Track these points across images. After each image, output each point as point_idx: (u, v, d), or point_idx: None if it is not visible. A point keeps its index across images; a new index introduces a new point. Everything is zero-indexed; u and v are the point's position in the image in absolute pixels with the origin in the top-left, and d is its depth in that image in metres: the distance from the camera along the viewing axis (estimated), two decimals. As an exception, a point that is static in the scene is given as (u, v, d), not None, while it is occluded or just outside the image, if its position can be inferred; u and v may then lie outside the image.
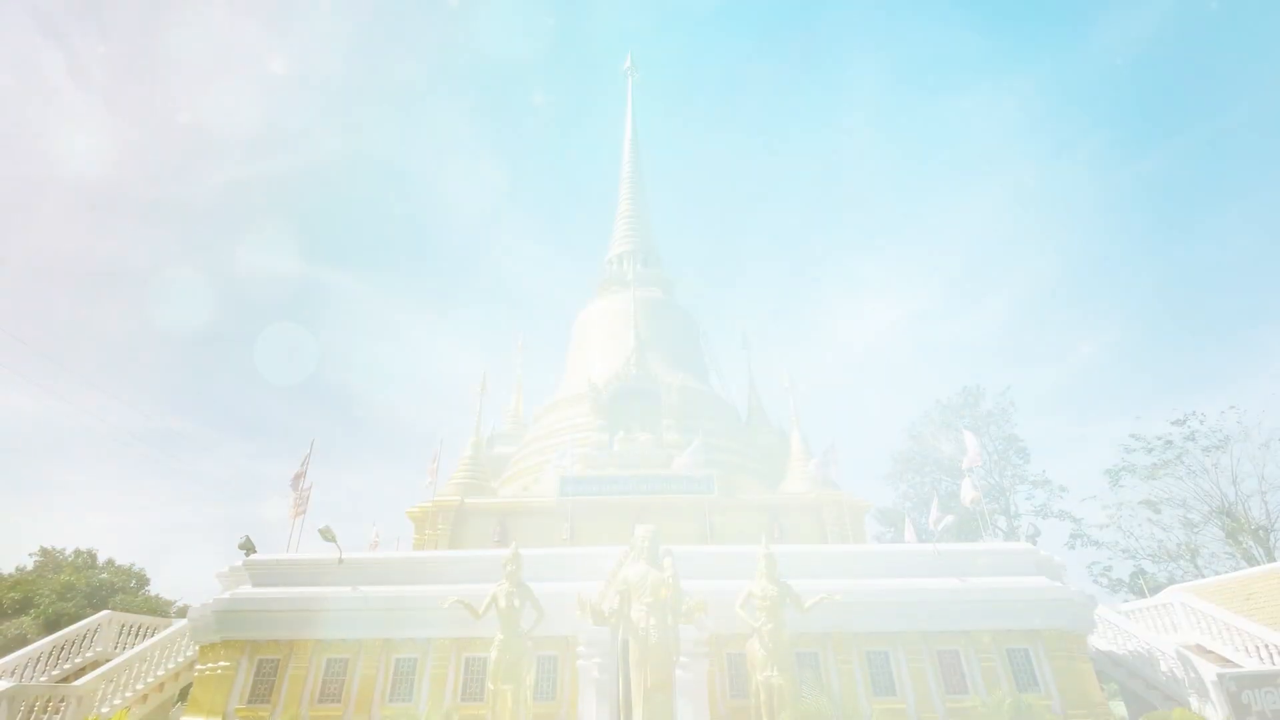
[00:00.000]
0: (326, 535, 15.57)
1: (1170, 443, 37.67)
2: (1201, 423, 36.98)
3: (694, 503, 20.42)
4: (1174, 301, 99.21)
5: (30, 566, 39.51)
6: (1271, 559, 32.13)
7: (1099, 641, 18.52)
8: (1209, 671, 15.00)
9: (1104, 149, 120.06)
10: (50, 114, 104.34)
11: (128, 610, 26.19)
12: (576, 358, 29.22)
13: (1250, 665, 16.19)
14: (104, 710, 15.41)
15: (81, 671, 17.44)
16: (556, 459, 20.02)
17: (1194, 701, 15.19)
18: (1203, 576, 29.12)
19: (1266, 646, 16.63)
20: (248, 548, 16.27)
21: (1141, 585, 35.66)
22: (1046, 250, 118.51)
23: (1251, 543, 34.64)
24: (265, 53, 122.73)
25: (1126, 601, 25.31)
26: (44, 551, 40.97)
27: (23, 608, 34.52)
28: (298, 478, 18.39)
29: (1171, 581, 32.40)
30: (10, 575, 37.36)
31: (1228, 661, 17.00)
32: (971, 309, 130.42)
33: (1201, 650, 17.67)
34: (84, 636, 18.51)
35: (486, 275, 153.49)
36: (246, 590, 15.45)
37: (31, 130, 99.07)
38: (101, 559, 41.44)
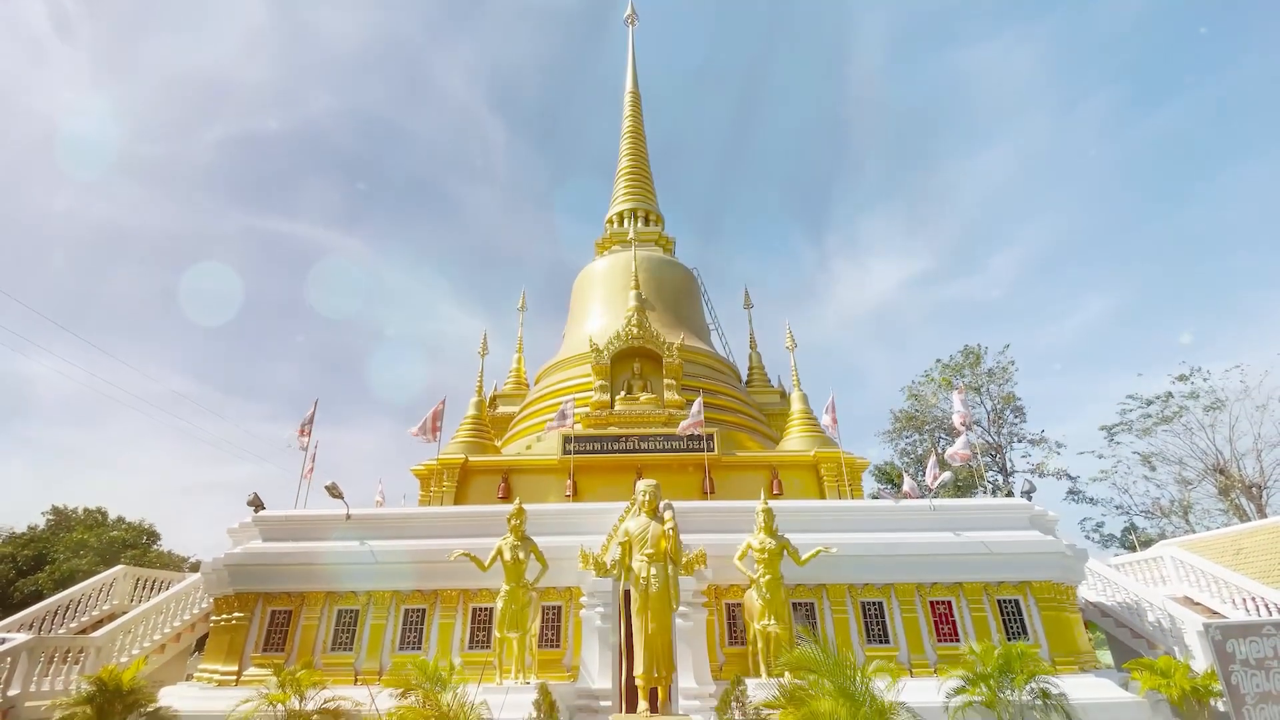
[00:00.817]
0: (333, 492, 15.82)
1: (1170, 396, 37.95)
2: (1206, 379, 37.15)
3: (694, 461, 20.67)
4: (1184, 261, 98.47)
5: (42, 525, 40.20)
6: (1263, 515, 32.65)
7: (1088, 593, 18.94)
8: (1195, 621, 15.39)
9: (1116, 104, 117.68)
10: (39, 72, 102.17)
11: (140, 565, 26.75)
12: (577, 317, 29.17)
13: (1237, 617, 16.61)
14: (122, 660, 15.82)
15: (98, 624, 17.85)
16: (558, 418, 20.19)
17: (1178, 650, 15.63)
18: (1194, 533, 29.62)
19: (1254, 599, 17.02)
20: (256, 504, 16.52)
21: (1133, 540, 36.33)
22: (1055, 208, 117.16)
23: (1244, 500, 35.16)
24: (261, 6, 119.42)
25: (1117, 555, 25.80)
26: (55, 510, 41.63)
27: (37, 565, 35.33)
28: (301, 436, 18.61)
29: (1163, 537, 33.00)
30: (23, 534, 38.08)
31: (1215, 613, 17.42)
32: (977, 269, 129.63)
33: (1189, 602, 18.10)
34: (100, 590, 18.92)
35: (488, 235, 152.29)
36: (257, 545, 15.78)
37: (20, 89, 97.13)
38: (112, 517, 42.16)
